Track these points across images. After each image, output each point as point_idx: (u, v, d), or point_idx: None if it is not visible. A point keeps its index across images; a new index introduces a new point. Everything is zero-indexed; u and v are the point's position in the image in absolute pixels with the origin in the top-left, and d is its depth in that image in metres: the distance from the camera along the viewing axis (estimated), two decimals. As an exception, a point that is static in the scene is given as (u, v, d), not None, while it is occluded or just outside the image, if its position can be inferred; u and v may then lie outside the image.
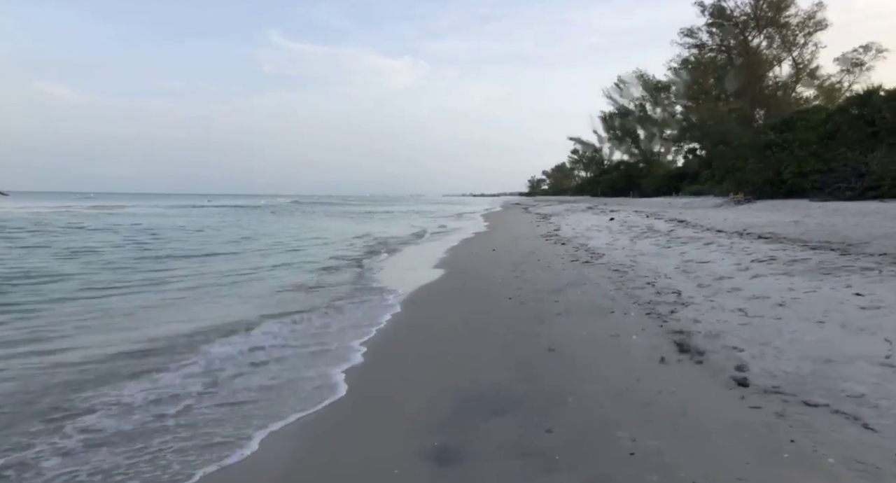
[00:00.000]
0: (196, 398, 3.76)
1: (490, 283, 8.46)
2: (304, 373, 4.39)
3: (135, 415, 3.47)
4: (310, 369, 4.47)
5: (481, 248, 14.07)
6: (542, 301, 6.80)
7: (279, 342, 5.28)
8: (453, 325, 5.90)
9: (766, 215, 16.24)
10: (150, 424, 3.33)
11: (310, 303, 7.29)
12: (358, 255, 13.18)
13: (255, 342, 5.25)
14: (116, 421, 3.37)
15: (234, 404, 3.67)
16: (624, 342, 4.70)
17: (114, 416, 3.45)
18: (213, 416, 3.47)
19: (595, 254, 10.89)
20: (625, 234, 13.76)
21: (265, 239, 18.10)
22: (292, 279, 9.45)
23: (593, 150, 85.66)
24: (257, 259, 12.47)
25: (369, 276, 9.92)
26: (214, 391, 3.92)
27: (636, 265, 8.76)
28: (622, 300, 6.38)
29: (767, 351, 3.85)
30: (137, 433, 3.20)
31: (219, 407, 3.62)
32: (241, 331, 5.67)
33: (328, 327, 5.94)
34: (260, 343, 5.22)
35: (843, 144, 24.18)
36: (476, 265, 10.77)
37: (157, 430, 3.24)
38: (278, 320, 6.20)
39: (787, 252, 7.69)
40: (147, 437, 3.15)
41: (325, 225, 27.90)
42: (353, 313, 6.65)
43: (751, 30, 48.79)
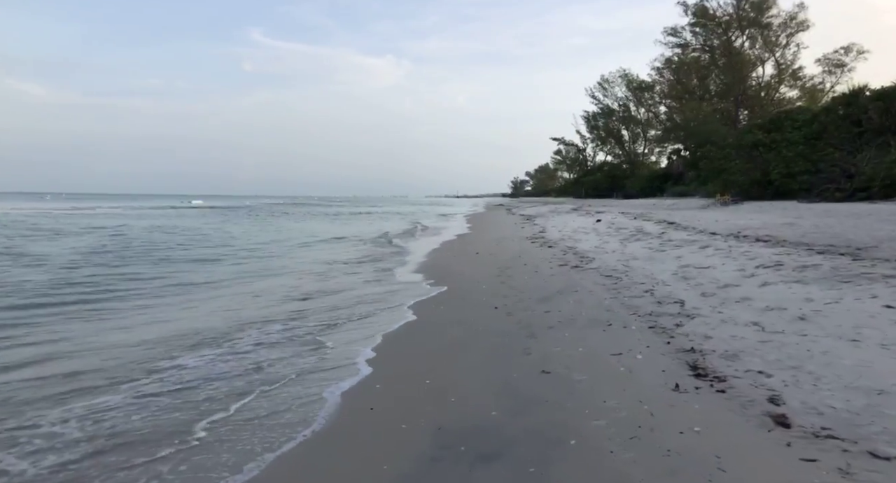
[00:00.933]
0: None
1: (474, 291, 7.83)
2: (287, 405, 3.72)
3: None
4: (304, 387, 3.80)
5: (464, 252, 13.45)
6: (531, 311, 6.19)
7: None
8: (434, 342, 5.25)
9: (758, 217, 15.85)
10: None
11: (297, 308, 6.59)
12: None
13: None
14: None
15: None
16: (628, 362, 4.09)
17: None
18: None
19: (585, 258, 10.32)
20: (614, 237, 13.23)
21: (236, 250, 17.30)
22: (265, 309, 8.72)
23: (577, 151, 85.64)
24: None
25: (345, 281, 9.24)
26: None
27: (630, 270, 8.20)
28: (620, 311, 5.79)
29: (801, 377, 3.26)
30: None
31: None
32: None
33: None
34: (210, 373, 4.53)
35: (830, 145, 24.01)
36: (459, 270, 10.13)
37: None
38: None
39: (793, 257, 7.17)
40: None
41: (305, 227, 27.09)
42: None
43: (734, 30, 48.90)
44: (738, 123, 48.58)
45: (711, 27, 49.92)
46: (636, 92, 65.79)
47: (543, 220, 24.06)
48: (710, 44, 50.46)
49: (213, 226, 25.95)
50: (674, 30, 50.32)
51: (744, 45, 49.19)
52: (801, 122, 27.71)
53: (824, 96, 46.86)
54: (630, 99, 67.34)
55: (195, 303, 7.54)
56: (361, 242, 17.37)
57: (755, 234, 10.80)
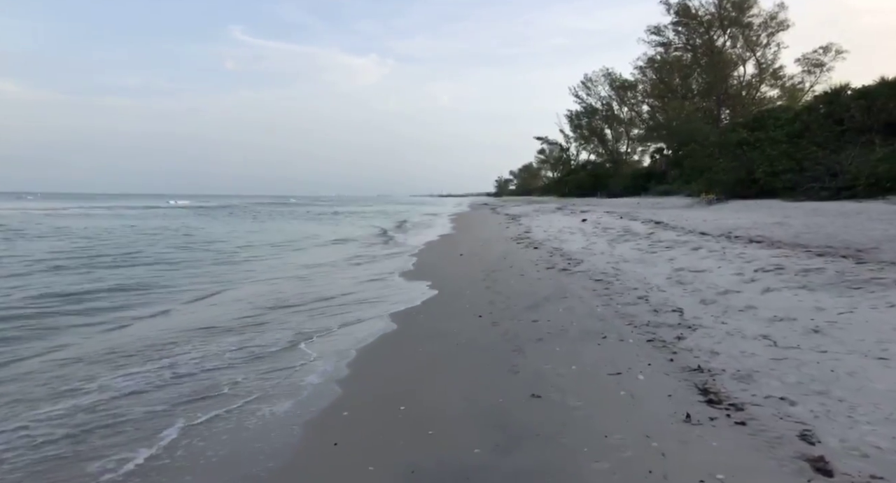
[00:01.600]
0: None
1: (457, 297, 7.35)
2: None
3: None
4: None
5: (448, 253, 12.96)
6: (518, 320, 5.72)
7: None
8: (413, 357, 4.75)
9: (746, 216, 15.60)
10: None
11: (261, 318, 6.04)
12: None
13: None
14: None
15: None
16: (629, 384, 3.63)
17: None
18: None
19: (572, 259, 9.90)
20: (601, 237, 12.84)
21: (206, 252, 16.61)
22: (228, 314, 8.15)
23: (560, 150, 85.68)
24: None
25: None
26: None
27: (621, 274, 7.78)
28: (614, 320, 5.34)
29: (832, 406, 2.83)
30: None
31: None
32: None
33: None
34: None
35: (814, 143, 23.98)
36: (442, 274, 9.64)
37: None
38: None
39: (793, 259, 6.80)
40: None
41: (284, 228, 26.40)
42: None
43: (715, 29, 49.08)
44: (720, 122, 48.79)
45: (693, 26, 50.10)
46: (619, 91, 65.86)
47: (528, 219, 23.68)
48: (693, 43, 50.62)
49: (191, 227, 25.13)
50: (657, 28, 50.40)
51: (725, 44, 49.41)
52: (783, 120, 27.72)
53: (804, 96, 47.27)
54: (613, 98, 67.43)
55: (152, 310, 6.94)
56: (341, 244, 16.80)
57: (747, 234, 10.47)
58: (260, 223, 29.68)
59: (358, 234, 20.68)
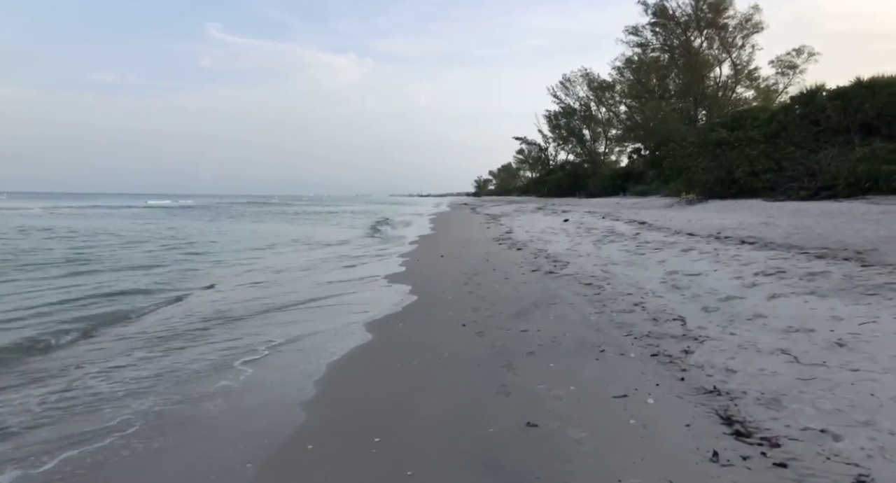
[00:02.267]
0: None
1: (439, 303, 6.84)
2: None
3: None
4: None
5: (428, 255, 12.44)
6: (505, 330, 5.24)
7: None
8: (390, 375, 4.23)
9: (729, 216, 15.41)
10: None
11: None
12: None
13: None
14: None
15: None
16: (638, 409, 3.17)
17: None
18: None
19: (558, 261, 9.47)
20: (585, 238, 12.46)
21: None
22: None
23: (539, 150, 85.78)
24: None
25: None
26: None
27: (611, 277, 7.35)
28: (610, 330, 4.89)
29: (885, 441, 2.40)
30: None
31: None
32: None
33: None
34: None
35: (791, 143, 24.06)
36: (423, 277, 9.12)
37: None
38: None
39: (791, 262, 6.45)
40: None
41: (259, 228, 25.59)
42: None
43: (692, 30, 49.43)
44: (696, 122, 49.19)
45: (671, 27, 50.41)
46: (597, 91, 66.03)
47: (509, 219, 23.29)
48: (670, 43, 50.92)
49: (163, 227, 24.14)
50: (635, 28, 50.57)
51: (702, 45, 49.81)
52: (760, 120, 27.84)
53: (778, 97, 47.93)
54: (591, 98, 67.61)
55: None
56: (318, 246, 16.16)
57: (736, 234, 10.17)
58: (236, 224, 28.77)
59: (334, 235, 20.03)
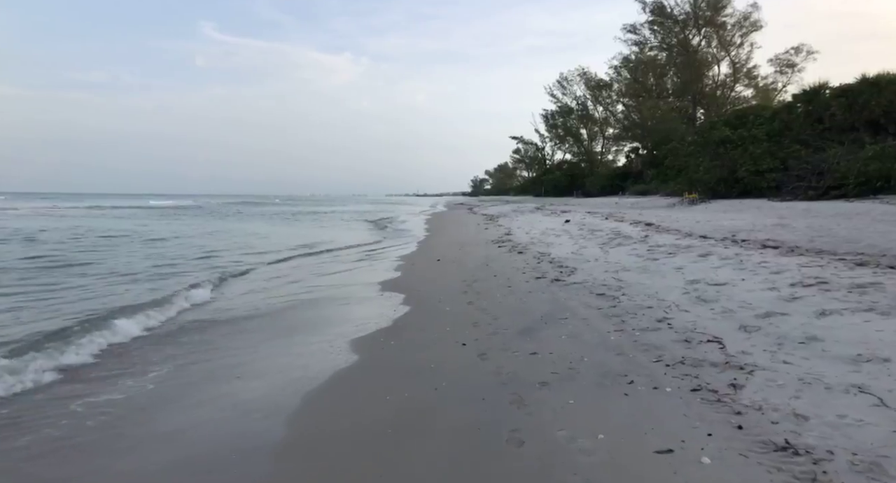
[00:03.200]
0: None
1: (435, 315, 6.14)
2: None
3: None
4: None
5: (424, 259, 11.73)
6: (511, 351, 4.53)
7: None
8: (374, 411, 3.52)
9: (738, 217, 14.75)
10: None
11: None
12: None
13: None
14: None
15: None
16: (690, 474, 2.46)
17: None
18: None
19: (563, 267, 8.77)
20: (590, 241, 11.77)
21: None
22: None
23: (535, 150, 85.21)
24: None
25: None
26: None
27: (626, 286, 6.65)
28: (636, 354, 4.19)
29: None
30: None
31: None
32: None
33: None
34: None
35: (796, 142, 23.47)
36: (416, 283, 8.41)
37: None
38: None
39: (830, 270, 5.77)
40: None
41: (247, 228, 24.79)
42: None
43: (690, 28, 48.89)
44: (695, 121, 48.68)
45: (668, 26, 49.86)
46: (594, 90, 65.46)
47: (507, 220, 22.59)
48: (668, 42, 50.37)
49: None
50: (633, 27, 50.02)
51: (700, 43, 49.28)
52: (763, 119, 27.28)
53: (777, 95, 47.50)
54: (588, 97, 67.05)
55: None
56: (306, 248, 15.40)
57: (752, 237, 9.50)
58: (229, 223, 27.97)
59: (325, 237, 19.26)
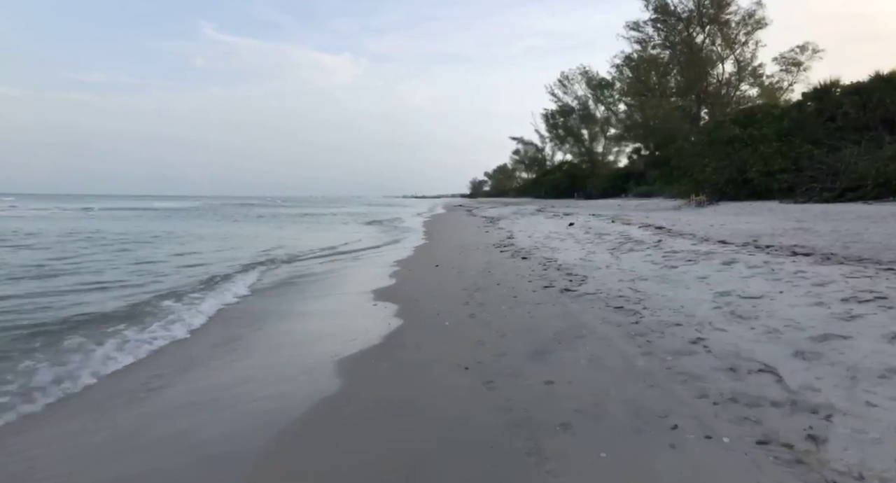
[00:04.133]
0: None
1: (432, 331, 5.43)
2: None
3: None
4: None
5: (420, 263, 11.01)
6: (523, 379, 3.83)
7: None
8: (351, 466, 2.81)
9: (753, 219, 14.05)
10: None
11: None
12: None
13: None
14: None
15: None
16: None
17: None
18: None
19: (573, 275, 8.06)
20: (599, 246, 11.06)
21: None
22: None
23: (535, 150, 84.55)
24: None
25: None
26: None
27: (646, 298, 5.94)
28: (672, 385, 3.48)
29: None
30: None
31: None
32: None
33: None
34: None
35: (808, 141, 22.77)
36: (411, 292, 7.70)
37: None
38: None
39: (884, 282, 5.06)
40: None
41: (234, 231, 24.10)
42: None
43: (694, 26, 48.18)
44: (699, 121, 48.01)
45: (672, 23, 49.16)
46: (596, 89, 64.78)
47: (508, 222, 21.88)
48: (672, 40, 49.65)
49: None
50: (636, 24, 49.29)
51: (704, 41, 48.56)
52: (772, 117, 26.61)
53: (783, 94, 46.84)
54: (589, 97, 66.37)
55: None
56: (292, 251, 14.70)
57: (777, 242, 8.80)
58: (228, 226, 27.27)
59: (316, 240, 18.53)
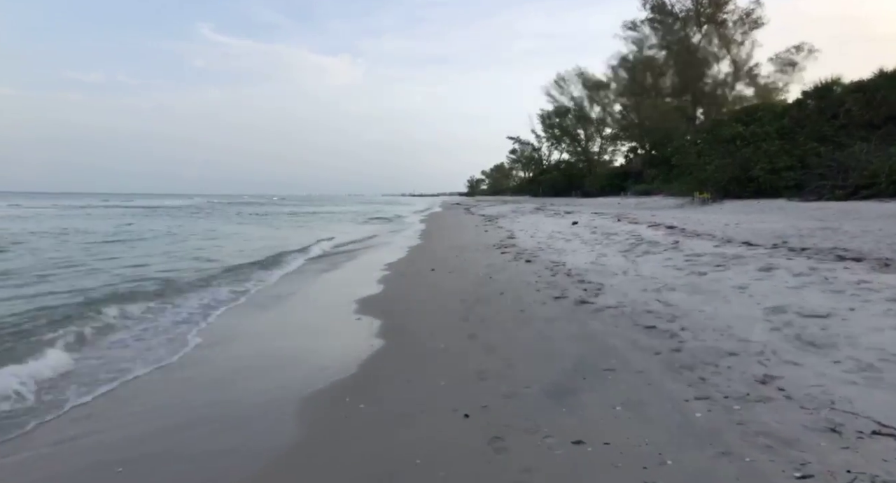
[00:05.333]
0: None
1: (424, 357, 4.46)
2: None
3: None
4: None
5: (414, 266, 10.03)
6: (541, 436, 2.86)
7: None
8: None
9: (768, 218, 13.16)
10: None
11: None
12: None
13: None
14: None
15: None
16: None
17: None
18: None
19: (586, 282, 7.11)
20: (609, 247, 10.13)
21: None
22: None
23: (532, 150, 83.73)
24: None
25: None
26: None
27: (681, 315, 4.99)
28: (751, 452, 2.53)
29: None
30: None
31: None
32: None
33: None
34: None
35: (812, 139, 22.04)
36: (400, 303, 6.73)
37: None
38: None
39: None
40: None
41: (233, 231, 22.99)
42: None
43: (691, 25, 47.47)
44: (695, 120, 47.34)
45: (668, 23, 48.42)
46: (592, 90, 64.01)
47: (508, 221, 20.92)
48: (669, 39, 48.91)
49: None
50: (633, 24, 48.52)
51: (701, 41, 47.85)
52: (773, 115, 25.91)
53: (778, 95, 46.18)
54: (585, 97, 65.60)
55: None
56: (272, 253, 13.65)
57: (811, 244, 7.88)
58: (216, 224, 26.12)
59: (301, 240, 17.41)
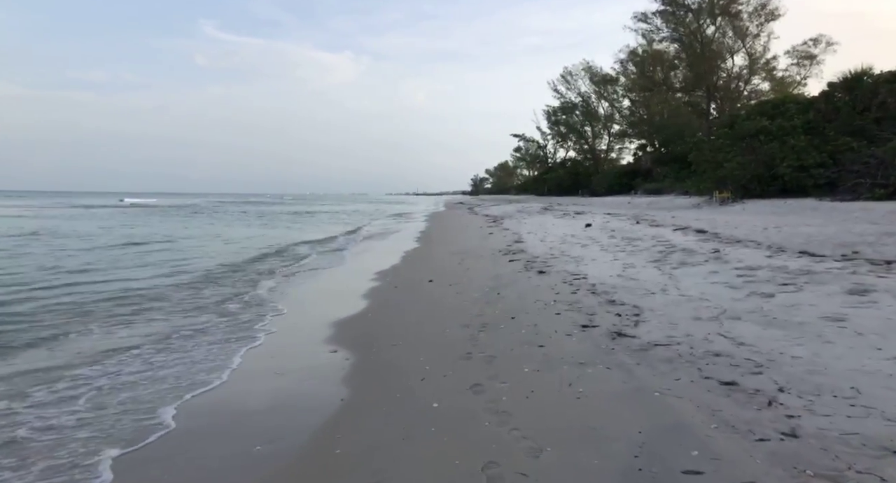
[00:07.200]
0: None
1: (410, 429, 3.09)
2: None
3: None
4: None
5: (409, 276, 8.64)
6: None
7: None
8: None
9: (809, 221, 11.70)
10: None
11: None
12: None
13: None
14: None
15: None
16: None
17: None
18: None
19: (617, 303, 5.73)
20: (635, 255, 8.73)
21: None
22: None
23: (537, 148, 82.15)
24: None
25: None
26: None
27: (768, 365, 3.60)
28: None
29: None
30: None
31: None
32: None
33: None
34: None
35: (845, 133, 20.48)
36: (389, 328, 5.36)
37: None
38: None
39: None
40: None
41: (211, 231, 21.69)
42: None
43: (704, 17, 45.83)
44: (709, 116, 45.75)
45: (681, 15, 46.80)
46: (600, 85, 62.34)
47: (514, 222, 19.49)
48: (681, 32, 47.28)
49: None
50: (644, 15, 46.88)
51: (715, 33, 46.20)
52: (799, 107, 24.34)
53: (795, 88, 44.59)
54: (592, 93, 63.95)
55: None
56: (251, 256, 12.31)
57: (894, 255, 6.46)
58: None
59: (284, 242, 16.05)
